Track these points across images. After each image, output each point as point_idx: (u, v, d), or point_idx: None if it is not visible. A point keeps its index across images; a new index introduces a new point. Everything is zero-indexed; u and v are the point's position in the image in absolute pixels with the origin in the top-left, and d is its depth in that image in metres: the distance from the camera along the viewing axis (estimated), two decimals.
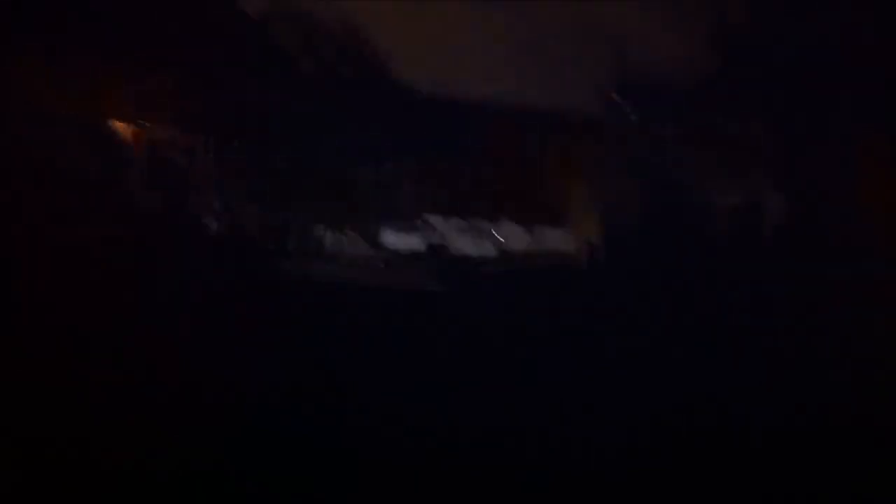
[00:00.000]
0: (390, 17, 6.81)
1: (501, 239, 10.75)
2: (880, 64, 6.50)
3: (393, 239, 9.88)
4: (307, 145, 7.33)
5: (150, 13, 6.07)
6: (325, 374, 4.95)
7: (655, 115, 7.36)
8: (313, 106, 7.06)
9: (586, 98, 7.29)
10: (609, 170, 7.86)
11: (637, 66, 7.15)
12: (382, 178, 8.31)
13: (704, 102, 7.01)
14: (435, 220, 11.09)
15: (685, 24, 6.84)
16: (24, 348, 4.04)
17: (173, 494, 2.82)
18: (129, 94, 6.20)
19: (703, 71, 7.06)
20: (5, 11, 5.33)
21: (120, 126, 6.18)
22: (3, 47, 5.37)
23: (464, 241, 10.25)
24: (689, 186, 7.31)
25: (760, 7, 6.95)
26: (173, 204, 6.34)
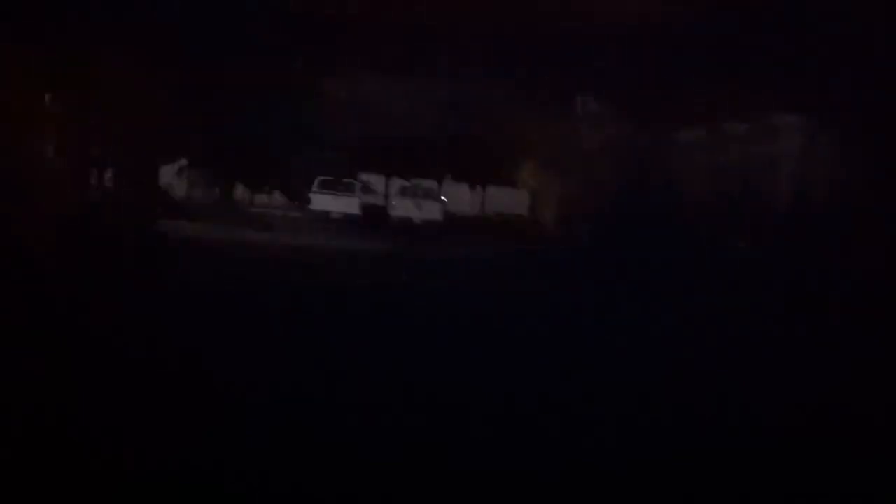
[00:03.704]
0: None
1: (445, 199, 10.36)
2: None
3: (326, 200, 9.51)
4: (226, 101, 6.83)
5: None
6: (246, 336, 4.65)
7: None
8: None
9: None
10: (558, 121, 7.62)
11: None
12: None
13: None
14: (373, 179, 10.63)
15: None
16: None
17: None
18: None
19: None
20: None
21: None
22: None
23: (404, 203, 9.94)
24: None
25: None
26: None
